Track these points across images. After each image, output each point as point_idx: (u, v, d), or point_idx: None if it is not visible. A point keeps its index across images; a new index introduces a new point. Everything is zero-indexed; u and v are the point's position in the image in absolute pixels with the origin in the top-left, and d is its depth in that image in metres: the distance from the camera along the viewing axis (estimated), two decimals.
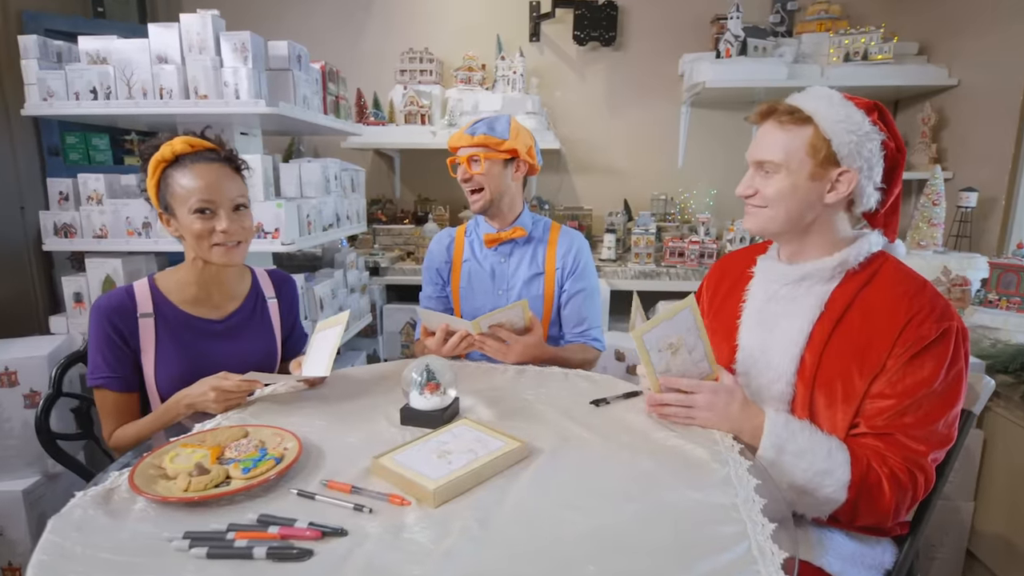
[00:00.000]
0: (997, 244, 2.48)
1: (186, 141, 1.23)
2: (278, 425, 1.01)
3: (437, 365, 1.09)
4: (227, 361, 1.28)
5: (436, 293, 1.73)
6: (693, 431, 1.04)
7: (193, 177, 1.21)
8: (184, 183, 1.21)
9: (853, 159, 1.02)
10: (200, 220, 1.22)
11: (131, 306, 1.25)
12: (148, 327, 1.26)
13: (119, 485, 0.86)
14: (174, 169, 1.23)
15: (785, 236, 1.13)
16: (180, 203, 1.22)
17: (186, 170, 1.22)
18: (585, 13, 3.23)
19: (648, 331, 1.02)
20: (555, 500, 0.82)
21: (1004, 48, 2.47)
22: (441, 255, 1.72)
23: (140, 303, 1.26)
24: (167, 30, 1.83)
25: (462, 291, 1.68)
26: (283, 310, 1.45)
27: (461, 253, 1.70)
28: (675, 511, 0.79)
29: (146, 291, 1.28)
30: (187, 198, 1.21)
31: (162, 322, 1.27)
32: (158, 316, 1.27)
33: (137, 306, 1.26)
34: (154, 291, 1.29)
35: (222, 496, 0.81)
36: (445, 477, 0.83)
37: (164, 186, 1.24)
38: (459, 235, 1.73)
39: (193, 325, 1.30)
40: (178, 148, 1.22)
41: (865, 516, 0.98)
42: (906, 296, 1.01)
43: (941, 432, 0.99)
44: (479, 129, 1.56)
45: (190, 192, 1.21)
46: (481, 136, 1.55)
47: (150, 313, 1.26)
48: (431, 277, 1.74)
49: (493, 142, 1.56)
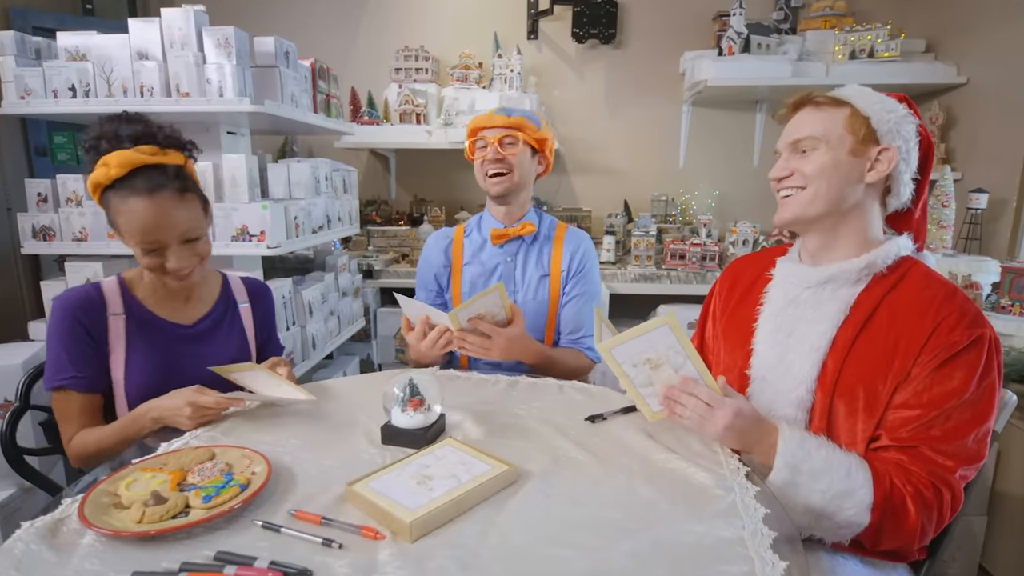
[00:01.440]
0: (1008, 247, 2.40)
1: (122, 162, 1.07)
2: (249, 445, 0.94)
3: (421, 380, 1.02)
4: (199, 365, 1.21)
5: (430, 301, 1.59)
6: (696, 451, 0.96)
7: (135, 214, 1.08)
8: (126, 218, 1.09)
9: (893, 137, 1.00)
10: (147, 258, 1.12)
11: (100, 303, 1.17)
12: (118, 327, 1.18)
13: (70, 515, 0.78)
14: (113, 195, 1.09)
15: (820, 225, 1.06)
16: (126, 235, 1.12)
17: (125, 203, 1.08)
18: (584, 10, 3.16)
19: (616, 345, 0.96)
20: (544, 535, 0.74)
21: (1014, 46, 2.40)
22: (439, 259, 1.58)
23: (110, 301, 1.18)
24: (148, 25, 1.76)
25: (464, 298, 1.54)
26: (256, 316, 1.38)
27: (461, 256, 1.57)
28: (676, 548, 0.72)
29: (115, 289, 1.20)
30: (131, 234, 1.10)
31: (133, 322, 1.20)
32: (129, 316, 1.20)
33: (107, 304, 1.18)
34: (124, 290, 1.21)
35: (178, 529, 0.74)
36: (424, 508, 0.76)
37: (108, 208, 1.12)
38: (458, 236, 1.60)
39: (163, 328, 1.23)
40: (113, 172, 1.07)
41: (890, 540, 0.91)
42: (935, 301, 0.95)
43: (971, 447, 0.91)
44: (516, 112, 1.48)
45: (133, 230, 1.09)
46: (518, 118, 1.46)
47: (121, 312, 1.19)
48: (426, 283, 1.60)
49: (530, 127, 1.47)
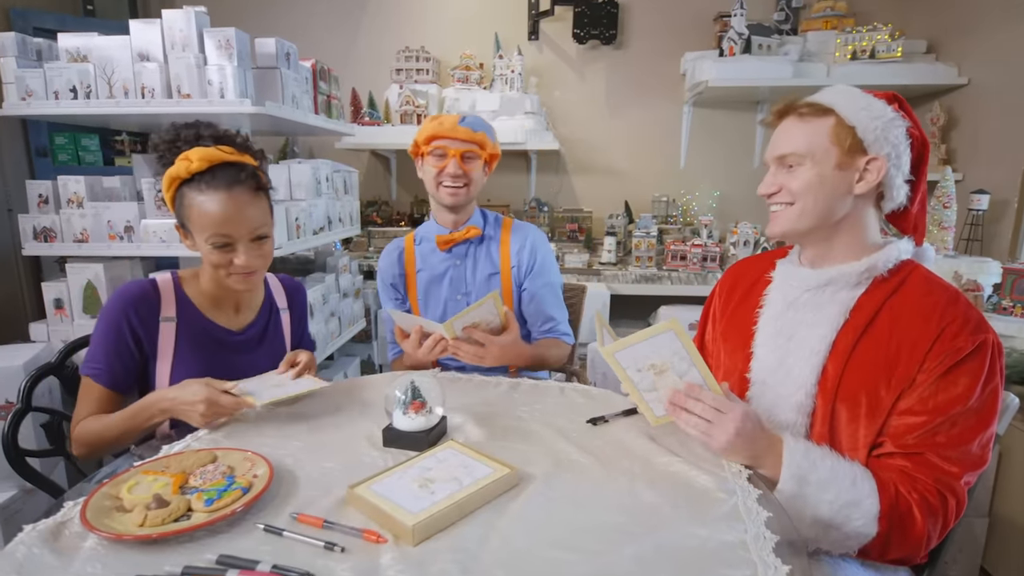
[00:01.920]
0: (1009, 248, 2.40)
1: (204, 156, 1.10)
2: (251, 447, 0.94)
3: (423, 382, 1.02)
4: (242, 375, 1.21)
5: (396, 308, 1.63)
6: (698, 454, 0.96)
7: (210, 206, 1.10)
8: (201, 210, 1.11)
9: (880, 145, 0.97)
10: (217, 253, 1.14)
11: (155, 302, 1.18)
12: (169, 333, 1.18)
13: (71, 518, 0.78)
14: (190, 188, 1.12)
15: (812, 236, 1.06)
16: (196, 229, 1.14)
17: (203, 195, 1.11)
18: (585, 11, 3.16)
19: (620, 349, 0.95)
20: (546, 538, 0.74)
21: (1016, 47, 2.40)
22: (392, 268, 1.61)
23: (164, 303, 1.19)
24: (149, 26, 1.76)
25: (420, 302, 1.59)
26: (294, 321, 1.40)
27: (413, 263, 1.60)
28: (678, 552, 0.72)
29: (170, 290, 1.21)
30: (203, 228, 1.12)
31: (183, 328, 1.20)
32: (180, 321, 1.20)
33: (161, 307, 1.19)
34: (177, 288, 1.22)
35: (181, 533, 0.73)
36: (426, 511, 0.76)
37: (180, 204, 1.14)
38: (408, 245, 1.63)
39: (214, 334, 1.24)
40: (195, 166, 1.10)
41: (897, 548, 0.91)
42: (938, 306, 0.94)
43: (975, 453, 0.92)
44: (478, 125, 1.47)
45: (206, 223, 1.11)
46: (482, 134, 1.47)
47: (172, 318, 1.19)
48: (389, 294, 1.63)
49: (489, 144, 1.50)
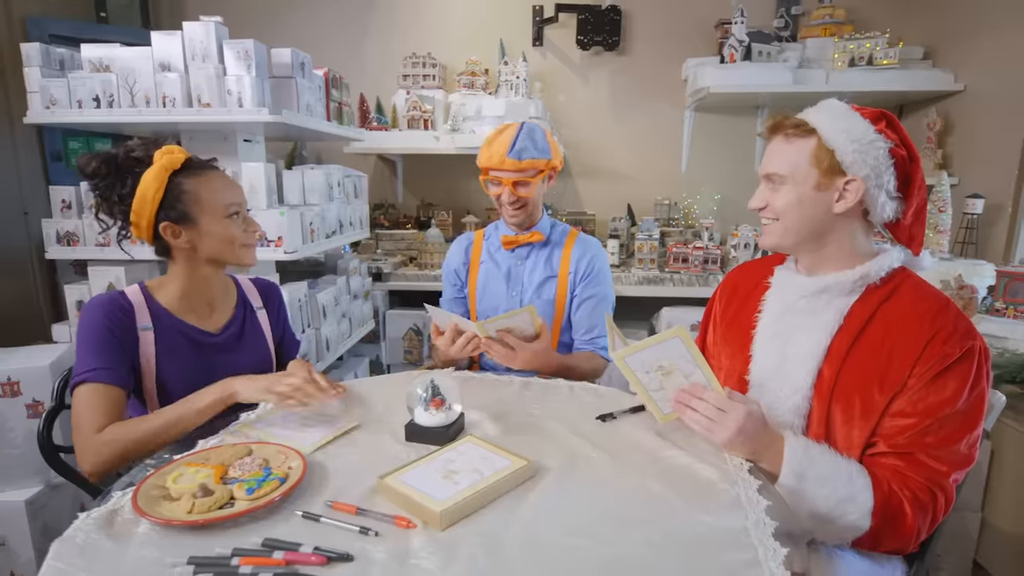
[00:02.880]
0: (1004, 251, 2.46)
1: (179, 150, 1.21)
2: (280, 442, 1.00)
3: (442, 381, 1.08)
4: (224, 374, 1.26)
5: (454, 294, 1.76)
6: (702, 448, 1.02)
7: (216, 182, 1.23)
8: (211, 187, 1.22)
9: (858, 167, 1.01)
10: (234, 224, 1.25)
11: (129, 312, 1.20)
12: (148, 342, 1.21)
13: (122, 506, 0.85)
14: (186, 176, 1.20)
15: (801, 248, 1.12)
16: (208, 210, 1.22)
17: (203, 176, 1.22)
18: (588, 18, 3.22)
19: (631, 354, 1.02)
20: (563, 525, 0.81)
21: (1011, 53, 2.46)
22: (459, 256, 1.75)
23: (138, 312, 1.21)
24: (170, 38, 1.82)
25: (478, 292, 1.71)
26: (272, 318, 1.44)
27: (479, 255, 1.72)
28: (685, 537, 0.78)
29: (141, 300, 1.23)
30: (217, 203, 1.22)
31: (161, 335, 1.23)
32: (157, 326, 1.23)
33: (135, 315, 1.20)
34: (148, 298, 1.24)
35: (226, 519, 0.80)
36: (451, 499, 0.82)
37: (176, 195, 1.20)
38: (477, 238, 1.76)
39: (192, 337, 1.27)
40: (179, 156, 1.20)
41: (888, 542, 0.97)
42: (929, 313, 1.00)
43: (963, 452, 0.98)
44: (526, 152, 1.51)
45: (219, 197, 1.23)
46: (529, 161, 1.52)
47: (149, 327, 1.22)
48: (450, 279, 1.77)
49: (541, 164, 1.54)
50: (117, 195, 1.21)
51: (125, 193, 1.20)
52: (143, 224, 1.21)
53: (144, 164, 1.20)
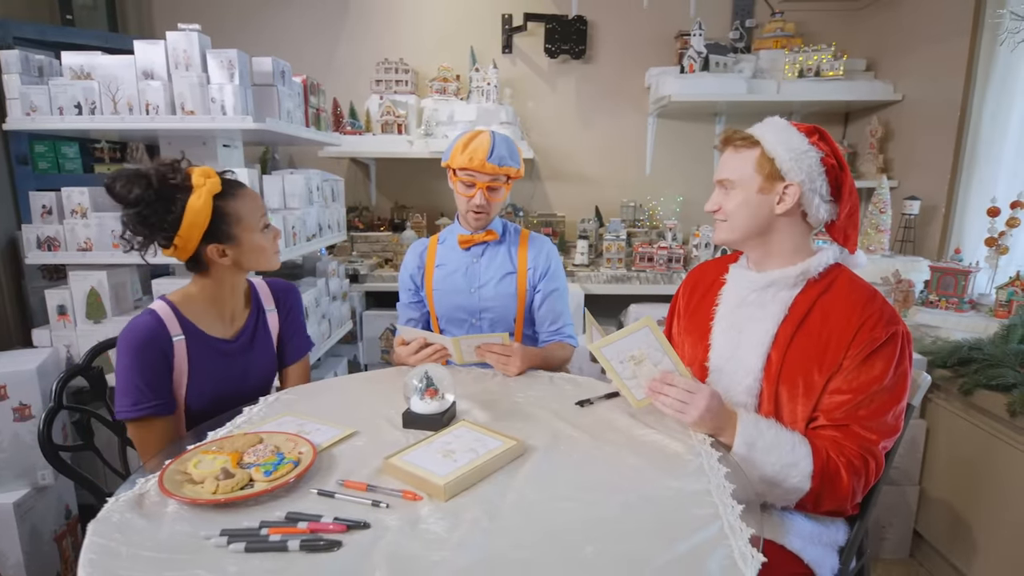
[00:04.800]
0: (938, 248, 2.69)
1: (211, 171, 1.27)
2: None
3: (435, 372, 1.18)
4: (244, 378, 1.35)
5: (410, 299, 1.81)
6: (670, 427, 1.15)
7: (251, 201, 1.33)
8: (251, 206, 1.32)
9: (795, 173, 1.17)
10: (267, 236, 1.36)
11: (164, 329, 1.25)
12: (182, 349, 1.27)
13: (148, 490, 0.92)
14: (227, 200, 1.28)
15: (747, 244, 1.27)
16: (249, 227, 1.31)
17: (242, 193, 1.32)
18: (556, 27, 3.35)
19: (606, 345, 1.15)
20: (552, 493, 0.92)
21: (943, 65, 2.68)
22: (414, 261, 1.80)
23: (170, 325, 1.26)
24: (153, 47, 1.86)
25: (436, 293, 1.76)
26: (282, 319, 1.50)
27: (434, 259, 1.78)
28: (657, 499, 0.90)
29: (170, 314, 1.28)
30: (256, 219, 1.33)
31: (192, 343, 1.29)
32: (188, 337, 1.29)
33: (169, 329, 1.26)
34: (177, 314, 1.29)
35: (249, 498, 0.88)
36: (452, 473, 0.92)
37: (222, 216, 1.27)
38: (432, 243, 1.82)
39: (215, 346, 1.34)
40: (217, 179, 1.27)
41: (827, 502, 1.11)
42: (859, 304, 1.15)
43: (890, 423, 1.13)
44: (505, 161, 1.60)
45: (257, 214, 1.33)
46: (506, 168, 1.61)
47: (181, 335, 1.28)
48: (405, 284, 1.82)
49: (513, 172, 1.64)
50: (165, 223, 1.23)
51: (171, 220, 1.23)
52: (189, 247, 1.27)
53: (183, 189, 1.23)
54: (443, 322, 1.77)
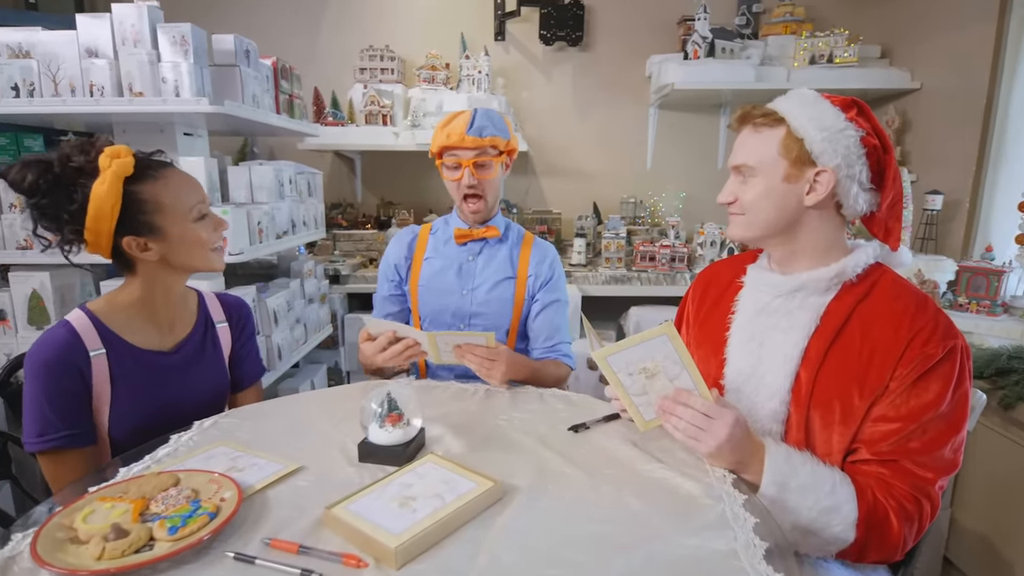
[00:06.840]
0: (962, 246, 2.49)
1: (124, 150, 1.06)
2: (218, 468, 0.89)
3: (400, 394, 0.98)
4: (183, 395, 1.15)
5: (391, 291, 1.60)
6: (682, 459, 0.95)
7: (178, 183, 1.12)
8: (173, 193, 1.10)
9: (828, 157, 0.96)
10: (203, 227, 1.14)
11: (79, 344, 1.06)
12: (102, 366, 1.07)
13: (20, 552, 0.72)
14: (142, 183, 1.07)
15: (769, 242, 1.07)
16: (175, 216, 1.09)
17: (163, 178, 1.10)
18: (551, 12, 3.15)
19: (613, 353, 0.94)
20: (534, 555, 0.72)
21: (965, 52, 2.49)
22: (401, 251, 1.59)
23: (87, 339, 1.07)
24: (97, 21, 1.66)
25: (421, 289, 1.55)
26: (234, 336, 1.31)
27: (424, 250, 1.58)
28: (669, 563, 0.70)
29: (88, 326, 1.08)
30: (184, 206, 1.11)
31: (114, 358, 1.09)
32: (109, 351, 1.09)
33: (85, 343, 1.06)
34: (96, 323, 1.09)
35: (143, 565, 0.68)
36: (408, 531, 0.72)
37: (136, 205, 1.06)
38: (423, 232, 1.61)
39: (144, 361, 1.13)
40: (127, 158, 1.05)
41: (874, 553, 0.92)
42: (908, 312, 0.95)
43: (948, 457, 0.93)
44: (487, 130, 1.41)
45: (185, 199, 1.11)
46: (490, 138, 1.41)
47: (101, 350, 1.08)
48: (387, 275, 1.60)
49: (501, 143, 1.44)
50: (66, 213, 1.05)
51: (74, 210, 1.04)
52: (101, 242, 1.07)
53: (87, 173, 1.04)
54: (426, 324, 1.56)
